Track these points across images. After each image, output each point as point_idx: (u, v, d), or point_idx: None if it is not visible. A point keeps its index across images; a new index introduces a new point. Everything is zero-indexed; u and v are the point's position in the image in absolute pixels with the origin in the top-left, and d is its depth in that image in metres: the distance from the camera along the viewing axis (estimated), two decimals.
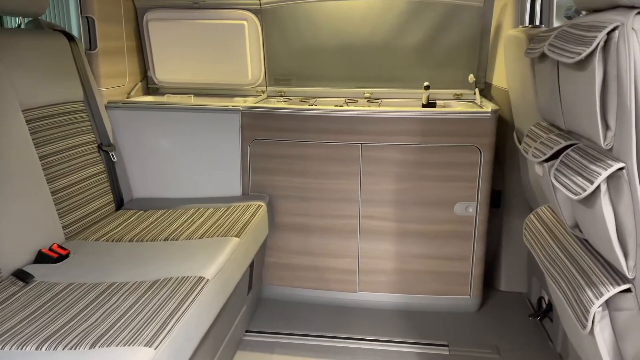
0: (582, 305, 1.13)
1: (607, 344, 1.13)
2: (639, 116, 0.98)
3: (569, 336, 1.46)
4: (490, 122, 2.35)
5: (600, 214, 1.06)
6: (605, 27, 1.03)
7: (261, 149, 2.49)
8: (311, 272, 2.58)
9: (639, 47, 0.98)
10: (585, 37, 1.07)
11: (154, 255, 1.84)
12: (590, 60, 1.05)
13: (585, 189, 1.04)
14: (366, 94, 2.86)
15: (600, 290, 1.10)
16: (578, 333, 1.29)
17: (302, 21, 2.79)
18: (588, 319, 1.09)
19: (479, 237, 2.48)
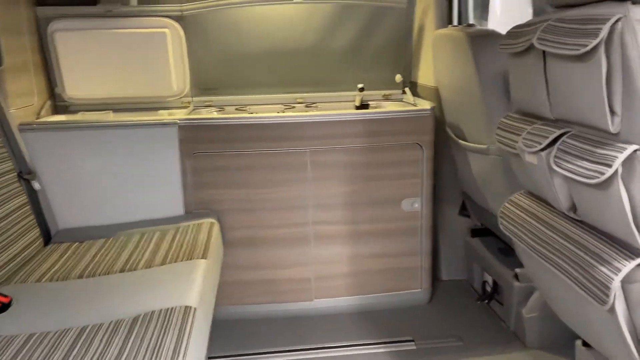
0: (598, 282, 1.20)
1: (624, 316, 1.20)
2: None
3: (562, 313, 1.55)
4: (430, 119, 2.43)
5: (615, 195, 1.13)
6: (607, 19, 1.10)
7: (202, 163, 2.36)
8: (265, 287, 2.49)
9: None
10: (586, 29, 1.13)
11: (116, 289, 1.65)
12: (595, 51, 1.12)
13: (603, 172, 1.10)
14: (298, 99, 2.82)
15: (616, 266, 1.17)
16: (582, 310, 1.37)
17: (226, 27, 2.69)
18: (609, 295, 1.16)
19: (426, 231, 2.55)
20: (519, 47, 1.38)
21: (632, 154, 1.09)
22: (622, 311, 1.20)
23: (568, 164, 1.23)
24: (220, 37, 2.70)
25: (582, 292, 1.26)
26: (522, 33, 1.40)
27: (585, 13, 1.19)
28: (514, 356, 2.18)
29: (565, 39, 1.18)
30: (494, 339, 2.31)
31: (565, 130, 1.29)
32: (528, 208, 1.58)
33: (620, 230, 1.17)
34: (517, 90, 1.52)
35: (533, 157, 1.36)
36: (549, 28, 1.26)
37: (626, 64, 1.08)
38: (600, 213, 1.21)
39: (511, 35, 1.47)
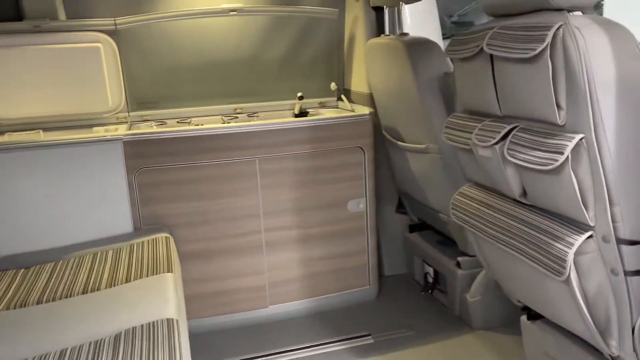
0: (554, 257, 1.36)
1: (577, 284, 1.38)
2: (592, 96, 1.24)
3: (517, 292, 1.71)
4: (369, 123, 2.56)
5: (566, 179, 1.30)
6: (551, 26, 1.26)
7: (150, 178, 2.33)
8: (221, 298, 2.49)
9: (583, 41, 1.23)
10: (533, 35, 1.30)
11: (87, 309, 1.61)
12: (542, 54, 1.28)
13: (557, 160, 1.27)
14: (237, 110, 2.86)
15: (569, 241, 1.34)
16: (539, 284, 1.54)
17: (161, 40, 2.67)
18: (566, 267, 1.32)
19: (371, 230, 2.68)
20: (468, 52, 1.53)
21: (579, 142, 1.26)
22: (575, 280, 1.37)
23: (521, 154, 1.38)
24: (156, 50, 2.67)
25: (539, 268, 1.42)
26: (468, 40, 1.55)
27: (527, 21, 1.36)
28: (463, 339, 2.35)
29: (513, 44, 1.34)
30: (442, 326, 2.47)
31: (514, 125, 1.45)
32: (478, 198, 1.74)
33: (570, 209, 1.34)
34: (464, 92, 1.68)
35: (487, 151, 1.51)
36: (496, 35, 1.42)
37: (568, 65, 1.25)
38: (552, 196, 1.38)
39: (456, 42, 1.63)
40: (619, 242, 1.30)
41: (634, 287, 1.33)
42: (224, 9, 2.65)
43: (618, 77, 1.23)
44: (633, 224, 1.29)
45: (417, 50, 2.22)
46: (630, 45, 1.26)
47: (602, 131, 1.24)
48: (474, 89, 1.60)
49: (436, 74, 2.23)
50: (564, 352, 1.73)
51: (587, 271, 1.36)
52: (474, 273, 2.44)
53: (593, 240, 1.34)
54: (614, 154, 1.25)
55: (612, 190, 1.27)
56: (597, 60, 1.22)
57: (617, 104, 1.24)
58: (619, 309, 1.38)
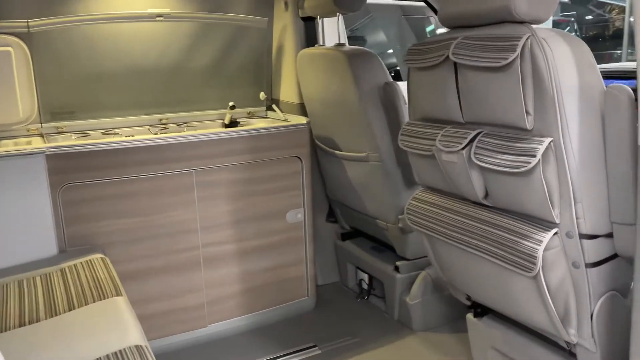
0: (524, 254, 1.44)
1: (542, 279, 1.47)
2: (559, 102, 1.33)
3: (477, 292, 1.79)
4: (306, 132, 2.56)
5: (537, 180, 1.38)
6: (520, 37, 1.35)
7: (76, 195, 2.13)
8: (157, 320, 2.33)
9: (550, 51, 1.33)
10: (502, 45, 1.37)
11: (32, 344, 1.42)
12: (512, 63, 1.36)
13: (529, 162, 1.35)
14: (163, 120, 2.71)
15: (538, 238, 1.43)
16: (500, 281, 1.61)
17: (80, 45, 2.46)
18: (536, 263, 1.41)
19: (309, 240, 2.66)
20: (431, 61, 1.58)
21: (548, 145, 1.35)
22: (541, 274, 1.46)
23: (489, 158, 1.46)
24: (74, 56, 2.46)
25: (507, 266, 1.50)
26: (430, 50, 1.61)
27: (493, 32, 1.44)
28: (407, 341, 2.41)
29: (482, 54, 1.41)
30: (384, 330, 2.51)
31: (479, 131, 1.53)
32: (435, 202, 1.80)
33: (537, 209, 1.43)
34: (422, 100, 1.73)
35: (452, 156, 1.57)
36: (461, 44, 1.49)
37: (536, 73, 1.34)
38: (518, 197, 1.46)
39: (415, 52, 1.68)
40: (581, 236, 1.41)
41: (592, 277, 1.45)
42: (150, 14, 2.52)
43: (579, 84, 1.34)
44: (593, 219, 1.41)
45: (358, 60, 2.26)
46: (587, 55, 1.38)
47: (567, 134, 1.35)
48: (434, 97, 1.66)
49: (377, 83, 2.28)
50: (512, 345, 1.84)
51: (550, 265, 1.46)
52: (412, 277, 2.52)
53: (557, 236, 1.44)
54: (577, 155, 1.36)
55: (576, 189, 1.38)
56: (562, 69, 1.33)
57: (579, 108, 1.35)
58: (578, 298, 1.49)
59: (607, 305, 1.48)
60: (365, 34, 5.94)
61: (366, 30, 6.00)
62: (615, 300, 1.49)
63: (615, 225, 1.42)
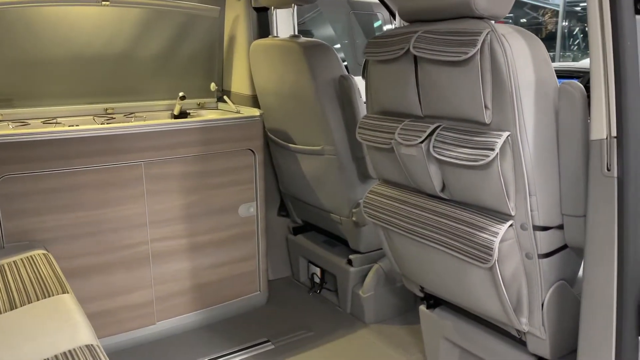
0: (480, 246, 1.47)
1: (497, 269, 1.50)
2: (517, 97, 1.37)
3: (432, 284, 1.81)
4: (260, 124, 2.52)
5: (494, 173, 1.41)
6: (480, 32, 1.37)
7: (15, 187, 2.00)
8: (104, 318, 2.23)
9: (509, 47, 1.36)
10: (463, 40, 1.39)
11: None
12: (472, 58, 1.38)
13: (488, 155, 1.37)
14: (108, 110, 2.59)
15: (494, 230, 1.46)
16: (455, 272, 1.64)
17: (19, 29, 2.31)
18: (493, 255, 1.44)
19: (262, 234, 2.63)
20: (391, 54, 1.59)
21: (505, 139, 1.38)
22: (496, 265, 1.50)
23: (448, 152, 1.48)
24: (11, 40, 2.31)
25: (463, 257, 1.53)
26: (389, 43, 1.61)
27: (453, 27, 1.45)
28: (360, 334, 2.43)
29: (442, 48, 1.42)
30: (336, 323, 2.52)
31: (437, 124, 1.54)
32: (391, 195, 1.81)
33: (494, 202, 1.46)
34: (380, 93, 1.73)
35: (412, 149, 1.58)
36: (421, 38, 1.49)
37: (495, 68, 1.37)
38: (475, 190, 1.49)
39: (374, 44, 1.68)
40: (535, 228, 1.46)
41: (543, 267, 1.50)
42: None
43: (536, 80, 1.38)
44: (546, 212, 1.45)
45: (314, 53, 2.24)
46: (542, 51, 1.42)
47: (523, 129, 1.38)
48: (393, 90, 1.66)
49: (333, 76, 2.27)
50: (464, 335, 1.89)
51: (505, 257, 1.50)
52: (365, 270, 2.54)
53: (512, 228, 1.48)
54: (532, 149, 1.40)
55: (531, 182, 1.42)
56: (519, 64, 1.36)
57: (535, 103, 1.38)
58: (530, 288, 1.54)
59: (557, 295, 1.54)
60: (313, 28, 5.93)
61: (314, 25, 5.99)
62: (564, 290, 1.55)
63: (565, 217, 1.48)
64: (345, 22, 5.89)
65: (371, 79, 1.77)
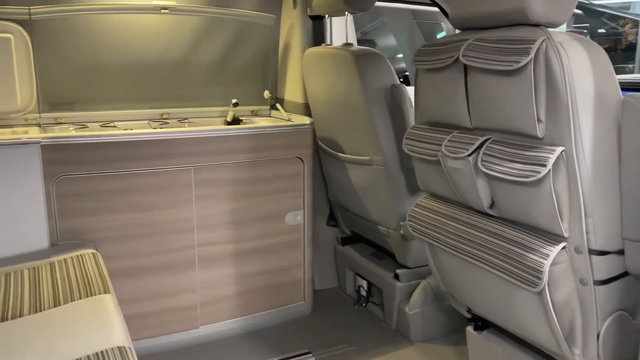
0: (529, 268, 1.37)
1: (548, 295, 1.40)
2: (573, 110, 1.27)
3: (477, 304, 1.72)
4: (310, 133, 2.50)
5: (546, 191, 1.31)
6: (534, 40, 1.28)
7: (71, 187, 2.07)
8: (148, 320, 2.27)
9: (566, 56, 1.26)
10: (516, 49, 1.31)
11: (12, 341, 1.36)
12: (525, 67, 1.30)
13: (539, 172, 1.28)
14: (164, 115, 2.66)
15: (544, 252, 1.36)
16: (503, 295, 1.55)
17: (83, 35, 2.42)
18: (542, 278, 1.34)
19: (308, 243, 2.60)
20: (440, 63, 1.52)
21: (559, 155, 1.28)
22: (546, 290, 1.39)
23: (497, 166, 1.39)
24: (75, 45, 2.41)
25: (510, 279, 1.43)
26: (439, 51, 1.54)
27: (505, 35, 1.37)
28: (404, 352, 2.34)
29: (493, 56, 1.35)
30: (380, 339, 2.44)
31: (487, 137, 1.46)
32: (438, 209, 1.73)
33: (545, 221, 1.36)
34: (428, 103, 1.67)
35: (458, 162, 1.50)
36: (472, 46, 1.42)
37: (550, 78, 1.28)
38: (526, 208, 1.40)
39: (424, 53, 1.62)
40: (590, 252, 1.35)
41: (600, 295, 1.38)
42: (155, 6, 2.46)
43: (596, 92, 1.28)
44: (604, 235, 1.34)
45: (365, 61, 2.20)
46: (603, 61, 1.31)
47: (580, 144, 1.28)
48: (442, 100, 1.59)
49: (384, 85, 2.22)
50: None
51: (557, 281, 1.39)
52: (412, 285, 2.45)
53: (566, 251, 1.37)
54: (589, 166, 1.29)
55: (587, 202, 1.31)
56: (578, 75, 1.26)
57: (594, 117, 1.28)
58: (584, 317, 1.42)
59: (615, 326, 1.41)
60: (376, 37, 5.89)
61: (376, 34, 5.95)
62: (624, 321, 1.42)
63: (627, 242, 1.36)
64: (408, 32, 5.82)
65: (420, 89, 1.71)
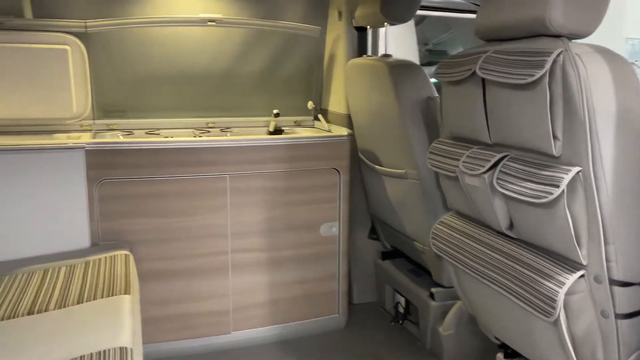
0: (543, 296, 1.28)
1: (565, 326, 1.30)
2: (591, 127, 1.18)
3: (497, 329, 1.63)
4: (347, 144, 2.48)
5: (560, 213, 1.23)
6: (551, 52, 1.20)
7: (112, 190, 2.18)
8: (181, 322, 2.34)
9: (584, 69, 1.18)
10: (531, 61, 1.23)
11: (31, 334, 1.44)
12: (539, 81, 1.22)
13: (552, 193, 1.20)
14: (209, 124, 2.74)
15: (560, 280, 1.27)
16: (522, 323, 1.46)
17: (134, 46, 2.55)
18: (556, 308, 1.24)
19: (343, 255, 2.58)
20: (458, 75, 1.46)
21: (575, 175, 1.19)
22: (563, 321, 1.29)
23: (512, 185, 1.31)
24: (127, 56, 2.54)
25: (525, 307, 1.34)
26: (459, 63, 1.49)
27: (524, 46, 1.30)
28: None
29: (508, 69, 1.28)
30: (413, 359, 2.37)
31: (505, 154, 1.39)
32: (460, 228, 1.66)
33: (562, 246, 1.27)
34: (451, 117, 1.61)
35: (475, 180, 1.44)
36: (490, 59, 1.36)
37: (567, 93, 1.19)
38: (542, 231, 1.31)
39: (446, 65, 1.56)
40: (612, 282, 1.24)
41: (623, 330, 1.26)
42: (202, 18, 2.55)
43: (618, 109, 1.18)
44: (627, 265, 1.23)
45: (400, 72, 2.16)
46: (630, 76, 1.21)
47: (599, 164, 1.18)
48: (462, 115, 1.53)
49: (419, 97, 2.17)
50: None
51: (576, 312, 1.29)
52: (448, 305, 2.36)
53: (584, 279, 1.27)
54: (610, 189, 1.19)
55: (608, 228, 1.21)
56: (597, 90, 1.17)
57: (616, 136, 1.18)
58: (606, 351, 1.30)
59: None
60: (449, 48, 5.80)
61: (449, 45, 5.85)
62: None
63: None
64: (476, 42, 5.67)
65: (443, 101, 1.65)
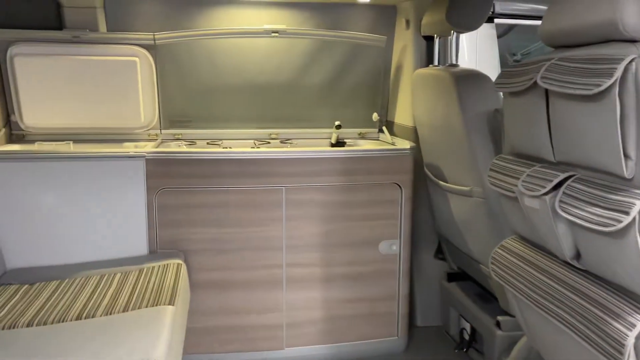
0: (610, 338, 1.11)
1: None
2: None
3: None
4: (409, 158, 2.36)
5: (631, 245, 1.06)
6: (621, 59, 1.04)
7: (170, 199, 2.20)
8: (233, 334, 2.32)
9: None
10: (598, 69, 1.08)
11: (71, 340, 1.46)
12: (608, 91, 1.06)
13: (620, 220, 1.03)
14: (272, 135, 2.72)
15: (630, 321, 1.09)
16: None
17: (200, 58, 2.59)
18: (624, 353, 1.07)
19: (404, 275, 2.45)
20: (519, 86, 1.32)
21: None
22: None
23: (576, 210, 1.15)
24: (193, 68, 2.59)
25: (590, 348, 1.17)
26: (521, 72, 1.35)
27: (592, 53, 1.14)
28: None
29: (573, 78, 1.13)
30: None
31: (570, 174, 1.22)
32: (522, 254, 1.50)
33: (632, 282, 1.09)
34: (513, 131, 1.46)
35: (534, 202, 1.28)
36: (553, 67, 1.21)
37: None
38: (611, 263, 1.14)
39: (507, 74, 1.42)
40: None
41: None
42: (266, 29, 2.55)
43: None
44: None
45: (466, 82, 2.02)
46: None
47: None
48: (524, 129, 1.38)
49: (485, 109, 2.02)
50: None
51: None
52: (515, 336, 2.16)
53: None
54: None
55: None
56: None
57: None
58: None
59: None
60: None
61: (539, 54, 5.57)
62: None
63: None
64: None
65: (505, 114, 1.50)
